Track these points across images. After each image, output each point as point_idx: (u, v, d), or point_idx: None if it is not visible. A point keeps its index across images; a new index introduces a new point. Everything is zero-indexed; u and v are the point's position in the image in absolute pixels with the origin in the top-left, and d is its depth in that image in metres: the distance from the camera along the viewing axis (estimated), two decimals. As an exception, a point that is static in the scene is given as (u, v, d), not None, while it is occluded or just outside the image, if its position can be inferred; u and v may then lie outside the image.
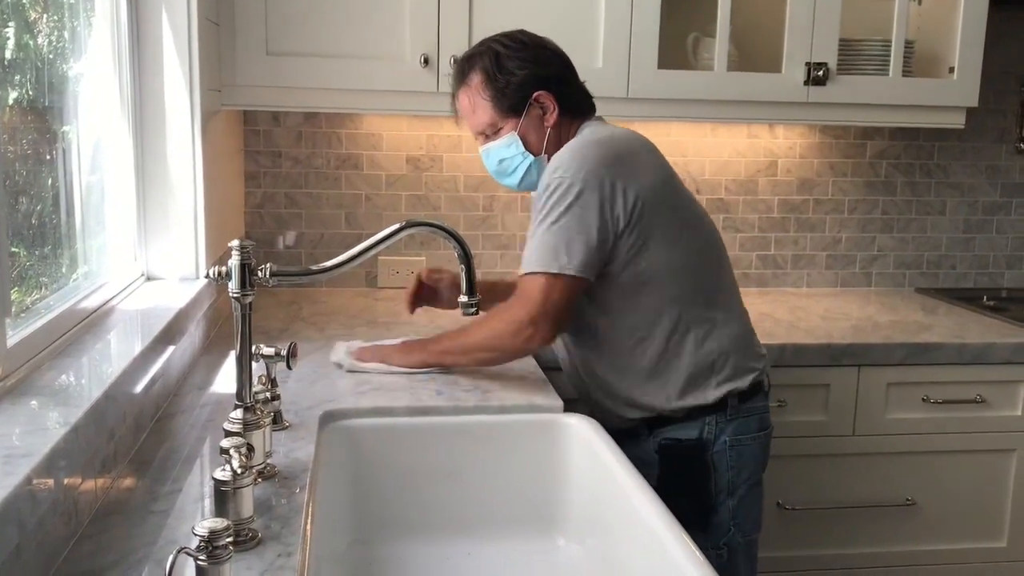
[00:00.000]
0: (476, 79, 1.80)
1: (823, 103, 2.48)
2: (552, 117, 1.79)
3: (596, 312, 1.78)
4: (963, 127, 2.61)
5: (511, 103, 1.79)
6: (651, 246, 1.70)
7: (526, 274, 1.71)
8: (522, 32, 1.83)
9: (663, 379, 1.75)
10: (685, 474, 1.75)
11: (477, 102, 1.81)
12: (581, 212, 1.66)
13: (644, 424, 1.78)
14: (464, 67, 1.83)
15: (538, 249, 1.69)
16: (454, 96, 1.88)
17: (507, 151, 1.82)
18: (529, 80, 1.77)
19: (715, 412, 1.74)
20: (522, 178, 1.84)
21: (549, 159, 1.79)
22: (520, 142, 1.81)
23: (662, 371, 1.75)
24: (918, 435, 2.36)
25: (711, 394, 1.74)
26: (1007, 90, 2.97)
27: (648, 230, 1.70)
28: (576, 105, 1.83)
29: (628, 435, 1.75)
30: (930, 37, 2.66)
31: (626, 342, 1.76)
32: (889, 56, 2.49)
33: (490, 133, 1.83)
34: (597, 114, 1.89)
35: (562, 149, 1.75)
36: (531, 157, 1.82)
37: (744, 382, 1.76)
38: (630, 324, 1.75)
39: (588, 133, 1.79)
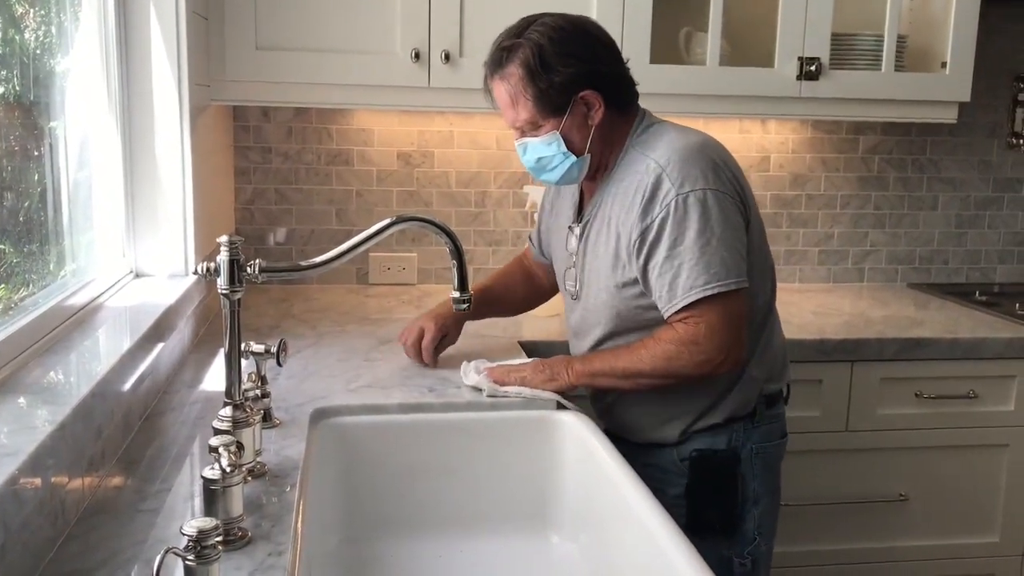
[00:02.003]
0: (516, 73, 1.63)
1: (815, 98, 2.48)
2: (598, 115, 1.65)
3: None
4: (955, 122, 2.61)
5: (555, 103, 1.63)
6: (750, 250, 1.65)
7: (694, 301, 1.56)
8: (564, 18, 1.65)
9: (740, 384, 1.70)
10: (714, 484, 1.70)
11: (518, 99, 1.65)
12: (725, 220, 1.56)
13: (676, 434, 1.72)
14: (502, 57, 1.65)
15: (699, 272, 1.55)
16: (488, 84, 1.70)
17: (547, 150, 1.67)
18: (575, 79, 1.62)
19: (744, 419, 1.70)
20: (562, 176, 1.70)
21: (593, 157, 1.69)
22: (562, 142, 1.65)
23: (738, 377, 1.69)
24: (911, 430, 2.36)
25: (749, 403, 1.71)
26: (999, 85, 2.97)
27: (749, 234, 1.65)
28: (622, 99, 1.70)
29: (652, 446, 1.73)
30: (922, 32, 2.65)
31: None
32: (882, 51, 2.49)
33: (528, 129, 1.68)
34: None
35: (664, 159, 1.61)
36: (573, 157, 1.67)
37: (775, 386, 1.74)
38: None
39: (674, 138, 1.66)
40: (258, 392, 1.47)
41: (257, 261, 1.29)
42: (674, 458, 1.72)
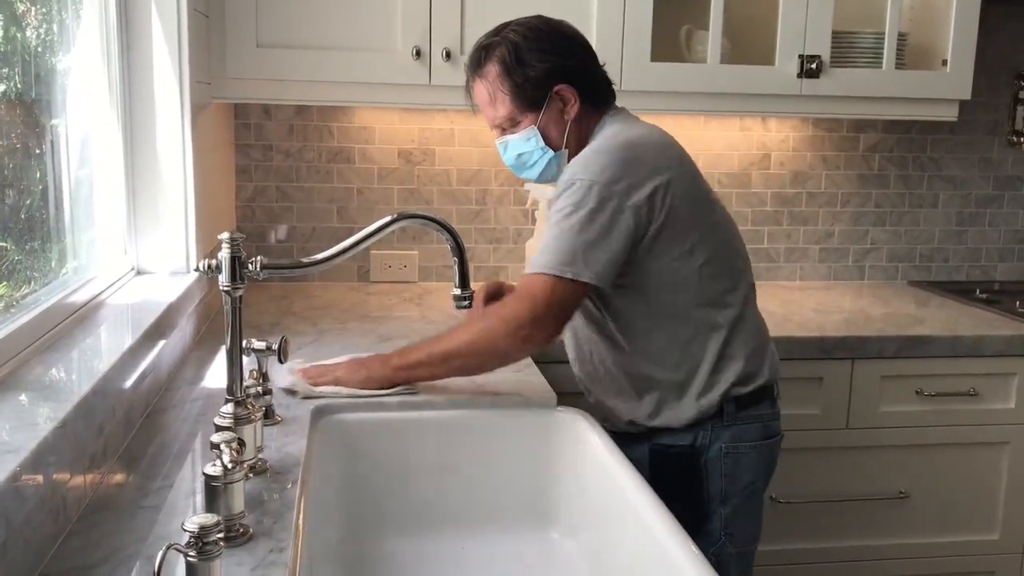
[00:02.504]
0: (493, 71, 1.71)
1: (816, 96, 2.47)
2: (573, 110, 1.71)
3: (615, 317, 1.70)
4: (956, 120, 2.61)
5: (531, 98, 1.70)
6: (668, 253, 1.64)
7: (535, 273, 1.60)
8: (540, 19, 1.73)
9: (679, 386, 1.69)
10: (675, 480, 1.68)
11: (496, 95, 1.72)
12: (603, 218, 1.57)
13: (643, 427, 1.73)
14: (480, 56, 1.73)
15: (553, 250, 1.58)
16: (469, 85, 1.79)
17: (526, 145, 1.73)
18: (550, 73, 1.68)
19: (712, 418, 1.69)
20: (542, 172, 1.76)
21: (570, 152, 1.73)
22: (540, 137, 1.72)
23: (678, 379, 1.69)
24: (911, 428, 2.36)
25: (707, 401, 1.68)
26: (1000, 83, 2.97)
27: (668, 236, 1.63)
28: (598, 95, 1.75)
29: (627, 437, 1.72)
30: (923, 30, 2.65)
31: (641, 346, 1.70)
32: (882, 49, 2.49)
33: (507, 126, 1.75)
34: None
35: (586, 149, 1.67)
36: (551, 152, 1.73)
37: (746, 388, 1.70)
38: (645, 329, 1.69)
39: (612, 132, 1.70)
40: (259, 389, 1.47)
41: (259, 258, 1.29)
42: (645, 451, 1.72)
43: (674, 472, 1.70)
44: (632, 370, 1.72)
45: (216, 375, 1.79)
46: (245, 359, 1.33)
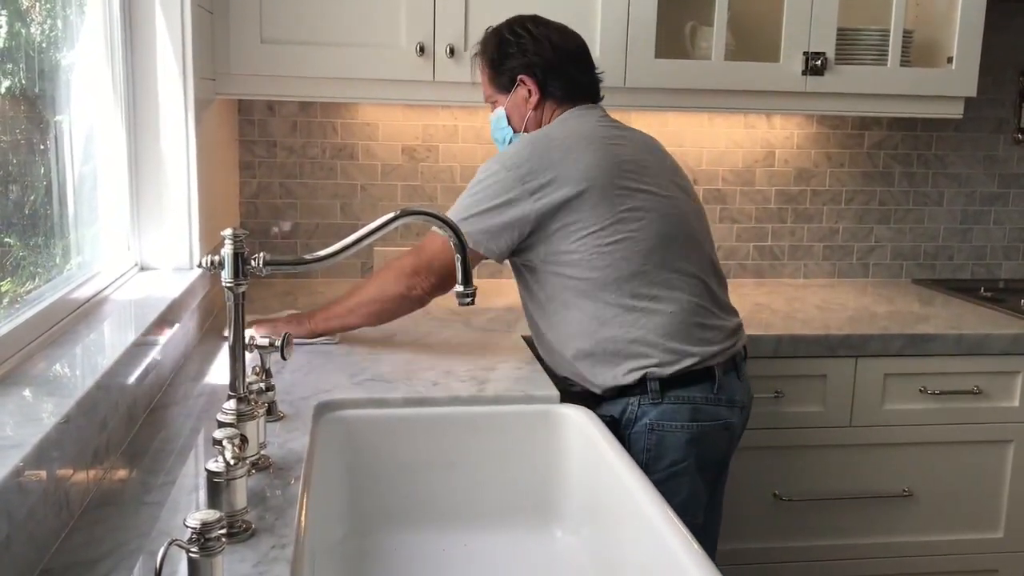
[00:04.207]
0: (485, 55, 2.01)
1: (821, 93, 2.47)
2: (532, 101, 1.95)
3: (528, 294, 1.92)
4: (961, 117, 2.60)
5: (502, 82, 1.98)
6: (567, 238, 1.78)
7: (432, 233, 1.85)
8: (535, 20, 1.98)
9: (587, 358, 1.83)
10: None
11: (483, 75, 2.03)
12: (499, 196, 1.79)
13: (584, 398, 1.83)
14: (483, 42, 2.03)
15: (453, 213, 1.81)
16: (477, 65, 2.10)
17: (497, 123, 2.02)
18: (518, 65, 1.94)
19: (637, 394, 1.78)
20: (503, 149, 1.99)
21: None
22: (505, 118, 1.99)
23: (585, 351, 1.82)
24: (915, 426, 2.35)
25: (622, 377, 1.78)
26: (1005, 80, 2.96)
27: (571, 223, 1.78)
28: (562, 93, 1.94)
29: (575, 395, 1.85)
30: (929, 27, 2.65)
31: (552, 322, 1.87)
32: (887, 46, 2.48)
33: (492, 103, 2.03)
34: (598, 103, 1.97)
35: (523, 135, 1.94)
36: (510, 132, 2.00)
37: (665, 370, 1.77)
38: (553, 309, 1.85)
39: (551, 126, 1.91)
40: (262, 385, 1.47)
41: (262, 254, 1.29)
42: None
43: None
44: (553, 340, 1.88)
45: (219, 371, 1.79)
46: (248, 355, 1.33)
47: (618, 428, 1.79)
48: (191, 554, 0.90)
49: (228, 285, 1.26)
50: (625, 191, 1.80)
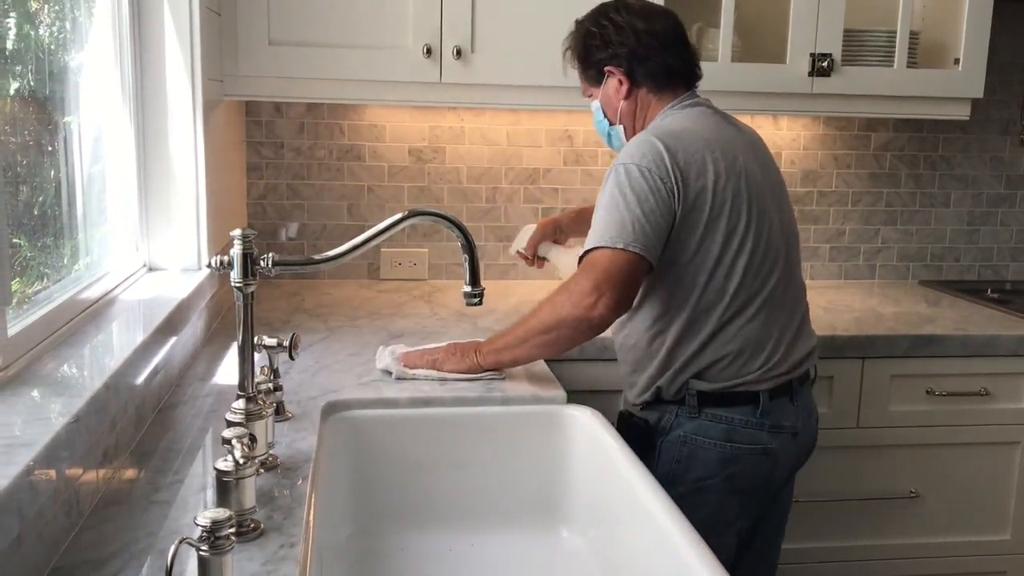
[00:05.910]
0: (572, 50, 1.95)
1: (827, 94, 2.47)
2: (623, 91, 1.87)
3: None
4: (968, 119, 2.60)
5: (592, 75, 1.92)
6: (679, 245, 1.71)
7: (589, 250, 1.70)
8: (618, 6, 1.88)
9: (641, 361, 1.81)
10: (632, 445, 1.69)
11: (576, 68, 1.96)
12: (632, 191, 1.68)
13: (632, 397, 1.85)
14: (570, 37, 1.96)
15: (603, 227, 1.69)
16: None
17: (596, 116, 1.95)
18: (605, 57, 1.87)
19: (676, 404, 1.76)
20: (608, 141, 1.97)
21: (626, 129, 1.89)
22: (601, 110, 1.93)
23: (640, 352, 1.80)
24: (922, 427, 2.35)
25: (667, 388, 1.76)
26: (1012, 81, 2.96)
27: (685, 229, 1.70)
28: (652, 81, 1.86)
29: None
30: (935, 28, 2.64)
31: (640, 325, 1.80)
32: (894, 47, 2.48)
33: (588, 95, 1.97)
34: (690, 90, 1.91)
35: (636, 135, 1.80)
36: (607, 124, 1.93)
37: (709, 386, 1.74)
38: (644, 311, 1.79)
39: (663, 123, 1.81)
40: (271, 385, 1.48)
41: (271, 255, 1.29)
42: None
43: (630, 440, 1.70)
44: (630, 336, 1.83)
45: (227, 371, 1.80)
46: (256, 355, 1.33)
47: (651, 435, 1.78)
48: (201, 552, 0.91)
49: (237, 285, 1.26)
50: (724, 206, 1.73)
